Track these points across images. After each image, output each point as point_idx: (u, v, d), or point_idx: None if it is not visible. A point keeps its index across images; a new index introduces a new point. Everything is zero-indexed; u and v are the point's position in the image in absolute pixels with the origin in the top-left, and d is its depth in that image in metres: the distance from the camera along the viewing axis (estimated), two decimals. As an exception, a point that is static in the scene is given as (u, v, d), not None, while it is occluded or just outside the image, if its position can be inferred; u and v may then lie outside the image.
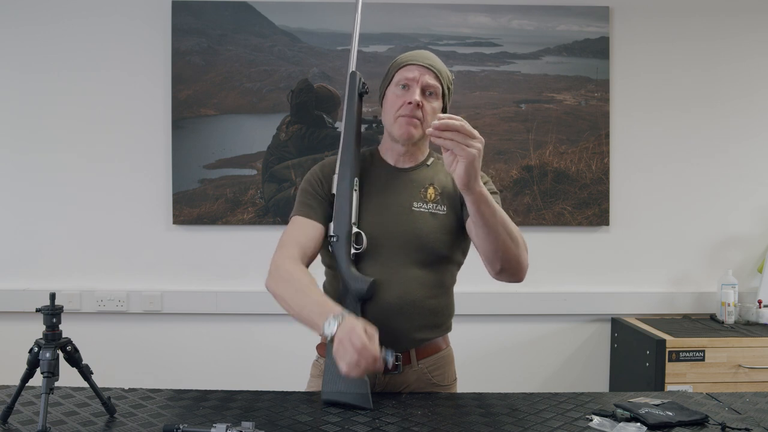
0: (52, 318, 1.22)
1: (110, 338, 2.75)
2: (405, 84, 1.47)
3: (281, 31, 2.74)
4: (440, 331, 1.56)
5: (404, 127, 1.46)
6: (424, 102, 1.45)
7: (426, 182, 1.52)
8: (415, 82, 1.45)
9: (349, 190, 1.44)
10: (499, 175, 2.77)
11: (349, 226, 1.42)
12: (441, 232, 1.49)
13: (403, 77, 1.47)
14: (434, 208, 1.50)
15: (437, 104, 1.48)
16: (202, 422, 1.26)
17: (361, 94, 1.50)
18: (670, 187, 2.84)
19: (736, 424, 1.27)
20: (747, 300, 2.79)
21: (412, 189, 1.51)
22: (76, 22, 2.73)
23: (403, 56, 1.51)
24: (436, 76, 1.47)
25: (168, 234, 2.77)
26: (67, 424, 1.24)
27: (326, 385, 1.38)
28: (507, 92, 2.79)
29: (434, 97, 1.48)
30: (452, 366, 1.63)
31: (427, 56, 1.50)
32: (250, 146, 2.75)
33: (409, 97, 1.44)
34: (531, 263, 3.00)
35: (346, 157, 1.46)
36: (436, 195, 1.51)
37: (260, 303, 2.74)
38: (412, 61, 1.47)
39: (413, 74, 1.46)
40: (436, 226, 1.48)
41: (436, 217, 1.49)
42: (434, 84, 1.47)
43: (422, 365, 1.52)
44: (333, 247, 1.43)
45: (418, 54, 1.50)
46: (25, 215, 2.75)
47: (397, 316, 1.45)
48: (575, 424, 1.28)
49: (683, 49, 2.83)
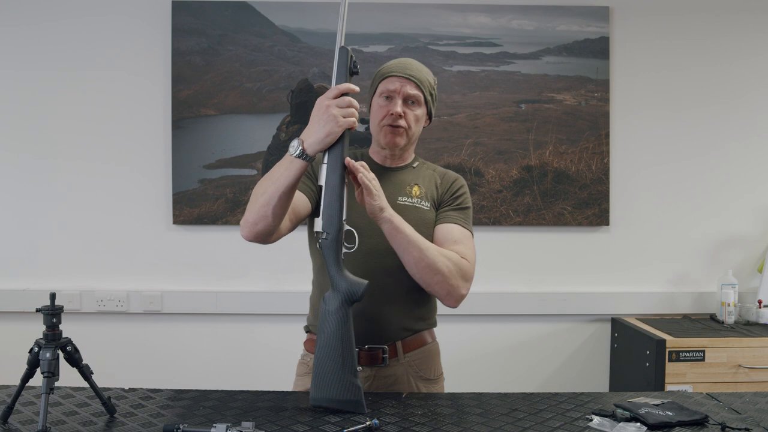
0: (53, 318, 1.22)
1: (110, 338, 2.75)
2: (388, 95, 1.53)
3: (281, 31, 2.74)
4: (425, 324, 1.60)
5: (389, 136, 1.53)
6: (406, 111, 1.52)
7: (411, 181, 1.60)
8: (397, 93, 1.52)
9: (340, 185, 1.35)
10: (499, 175, 2.77)
11: (340, 224, 1.35)
12: (423, 226, 1.52)
13: (386, 89, 1.53)
14: (418, 202, 1.57)
15: (420, 111, 1.55)
16: (202, 422, 1.26)
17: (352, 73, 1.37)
18: (670, 187, 2.84)
19: (736, 424, 1.27)
20: (747, 300, 2.79)
21: (397, 185, 1.57)
22: (76, 22, 2.73)
23: (386, 67, 1.57)
24: (417, 85, 1.53)
25: (168, 234, 2.77)
26: (67, 424, 1.24)
27: (317, 391, 1.33)
28: (507, 92, 2.79)
29: (416, 105, 1.54)
30: (438, 360, 1.65)
31: (407, 66, 1.55)
32: (250, 146, 2.75)
33: (392, 108, 1.51)
34: (531, 263, 3.00)
35: (336, 148, 1.35)
36: (420, 192, 1.58)
37: (260, 303, 2.74)
38: (393, 73, 1.53)
39: (395, 86, 1.52)
40: (419, 219, 1.53)
41: (419, 211, 1.55)
42: (415, 93, 1.53)
43: (409, 358, 1.55)
44: (322, 245, 1.35)
45: (399, 65, 1.55)
46: (25, 215, 2.75)
47: (382, 306, 1.49)
48: (575, 424, 1.28)
49: (683, 49, 2.83)
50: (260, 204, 1.36)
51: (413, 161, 1.64)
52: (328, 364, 1.32)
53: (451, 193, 1.61)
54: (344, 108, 1.31)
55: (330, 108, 1.31)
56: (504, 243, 2.81)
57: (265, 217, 1.36)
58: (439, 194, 1.61)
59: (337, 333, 1.32)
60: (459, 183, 1.64)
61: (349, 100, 1.32)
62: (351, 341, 1.33)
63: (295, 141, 1.33)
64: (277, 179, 1.34)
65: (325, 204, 1.35)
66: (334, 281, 1.35)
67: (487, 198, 2.77)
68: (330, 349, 1.32)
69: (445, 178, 1.64)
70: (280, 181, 1.34)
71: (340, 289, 1.34)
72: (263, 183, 1.39)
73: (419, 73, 1.55)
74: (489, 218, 2.78)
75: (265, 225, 1.38)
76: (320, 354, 1.33)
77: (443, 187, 1.62)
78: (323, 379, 1.32)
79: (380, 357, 1.52)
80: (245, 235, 1.41)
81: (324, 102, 1.32)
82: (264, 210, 1.36)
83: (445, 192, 1.61)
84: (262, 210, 1.36)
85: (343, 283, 1.34)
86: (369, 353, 1.51)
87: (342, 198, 1.35)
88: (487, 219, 2.77)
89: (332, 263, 1.35)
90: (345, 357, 1.32)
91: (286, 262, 2.73)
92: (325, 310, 1.34)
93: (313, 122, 1.33)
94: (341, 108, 1.31)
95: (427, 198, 1.58)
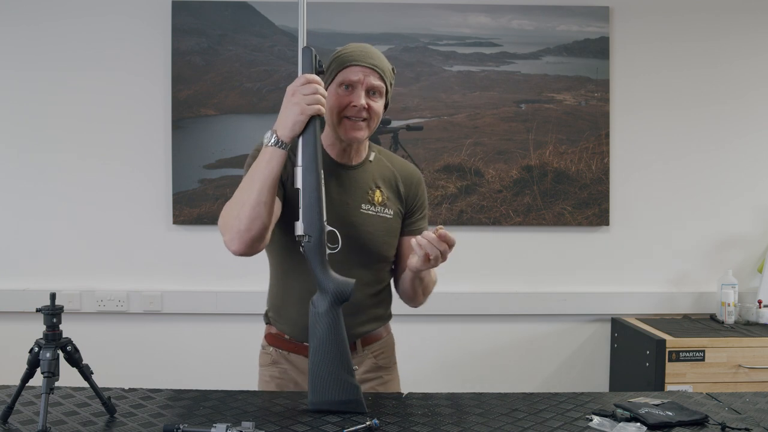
0: (53, 318, 1.22)
1: (110, 338, 2.75)
2: (348, 85, 1.44)
3: (281, 31, 2.74)
4: (381, 322, 1.62)
5: (350, 131, 1.45)
6: (369, 103, 1.44)
7: (372, 183, 1.54)
8: (360, 83, 1.44)
9: (317, 186, 1.32)
10: (499, 175, 2.77)
11: (321, 225, 1.32)
12: (387, 235, 1.53)
13: (347, 78, 1.44)
14: (381, 211, 1.53)
15: (381, 102, 1.48)
16: (202, 422, 1.26)
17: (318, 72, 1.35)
18: (670, 187, 2.84)
19: (736, 424, 1.27)
20: (747, 300, 2.79)
21: (358, 189, 1.52)
22: (76, 22, 2.73)
23: (345, 54, 1.46)
24: (380, 75, 1.46)
25: (168, 234, 2.77)
26: (67, 424, 1.24)
27: (315, 395, 1.33)
28: (507, 92, 2.79)
29: (378, 95, 1.47)
30: (393, 350, 1.69)
31: (370, 54, 1.46)
32: (250, 146, 2.68)
33: (356, 100, 1.43)
34: (531, 263, 3.02)
35: (308, 148, 1.32)
36: (383, 198, 1.54)
37: (260, 303, 2.73)
38: (356, 62, 1.44)
39: (357, 76, 1.43)
40: (383, 229, 1.52)
41: (382, 220, 1.53)
42: (379, 84, 1.46)
43: (367, 351, 1.58)
44: (305, 248, 1.33)
45: (361, 53, 1.46)
46: (25, 215, 2.75)
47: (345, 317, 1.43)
48: (575, 424, 1.28)
49: (683, 49, 2.83)
50: (249, 207, 1.31)
51: (369, 153, 1.57)
52: (323, 367, 1.31)
53: (417, 200, 1.60)
54: (309, 95, 1.29)
55: (295, 95, 1.29)
56: (504, 243, 2.81)
57: (258, 216, 1.31)
58: (404, 201, 1.58)
59: (330, 335, 1.32)
60: (421, 185, 1.62)
61: (314, 87, 1.29)
62: (344, 341, 1.33)
63: (268, 132, 1.32)
64: (260, 174, 1.31)
65: (305, 206, 1.32)
66: (322, 283, 1.33)
67: (487, 198, 2.77)
68: (324, 352, 1.32)
69: (406, 179, 1.59)
70: (264, 174, 1.30)
71: (329, 291, 1.33)
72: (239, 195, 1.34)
73: (381, 62, 1.47)
74: (489, 218, 2.77)
75: (260, 225, 1.32)
76: (315, 357, 1.32)
77: (407, 192, 1.58)
78: (320, 383, 1.32)
79: None
80: (237, 248, 1.35)
81: (290, 89, 1.31)
82: (256, 210, 1.31)
83: (410, 198, 1.59)
84: (253, 211, 1.30)
85: (330, 285, 1.33)
86: None
87: (321, 199, 1.33)
88: (487, 219, 2.77)
89: (317, 266, 1.33)
90: (340, 358, 1.32)
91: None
92: (314, 313, 1.33)
93: (281, 110, 1.32)
94: (306, 95, 1.29)
95: (389, 204, 1.54)
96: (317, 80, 1.31)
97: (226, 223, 1.36)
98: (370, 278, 1.53)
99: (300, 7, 1.35)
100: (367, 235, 1.50)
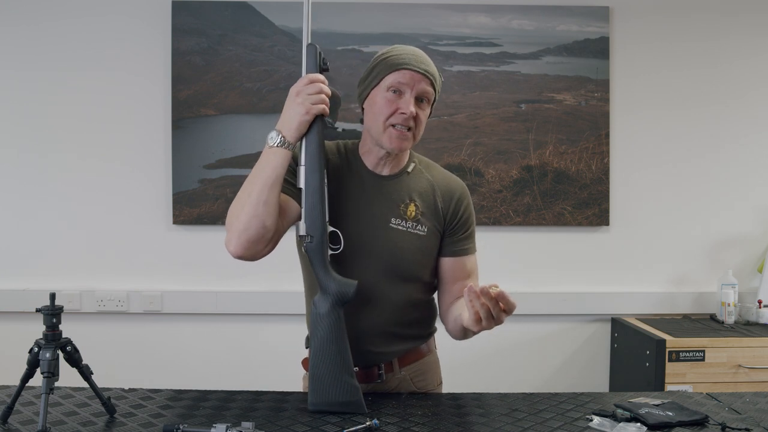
0: (52, 318, 1.22)
1: (110, 338, 2.75)
2: (397, 89, 1.36)
3: (281, 31, 2.74)
4: (421, 340, 1.53)
5: (396, 140, 1.36)
6: (417, 111, 1.36)
7: (406, 196, 1.44)
8: (410, 88, 1.35)
9: (320, 186, 1.30)
10: (499, 175, 2.77)
11: (324, 225, 1.30)
12: (419, 254, 1.43)
13: (397, 81, 1.35)
14: (413, 227, 1.43)
15: (428, 110, 1.41)
16: (202, 422, 1.26)
17: (322, 69, 1.33)
18: (670, 187, 2.84)
19: (736, 424, 1.27)
20: (747, 300, 2.79)
21: (390, 202, 1.43)
22: (76, 22, 2.73)
23: (396, 56, 1.37)
24: (431, 82, 1.38)
25: (168, 234, 2.77)
26: (67, 424, 1.24)
27: (315, 396, 1.32)
28: (507, 92, 2.79)
29: (426, 103, 1.39)
30: (437, 370, 1.59)
31: (422, 60, 1.38)
32: (250, 146, 2.75)
33: (405, 107, 1.34)
34: (531, 263, 3.02)
35: (312, 148, 1.31)
36: (416, 213, 1.43)
37: (260, 303, 2.74)
38: (407, 66, 1.35)
39: (407, 80, 1.35)
40: (415, 246, 1.43)
41: (414, 237, 1.43)
42: (429, 91, 1.38)
43: (405, 372, 1.50)
44: (307, 248, 1.31)
45: (412, 56, 1.37)
46: (25, 215, 2.75)
47: (373, 338, 1.43)
48: (575, 425, 1.28)
49: (683, 49, 2.83)
50: (249, 206, 1.28)
51: (408, 164, 1.47)
52: (324, 368, 1.31)
53: (460, 217, 1.47)
54: (314, 95, 1.28)
55: (300, 95, 1.29)
56: (504, 243, 2.81)
57: (257, 216, 1.27)
58: (444, 218, 1.46)
59: (331, 336, 1.31)
60: (464, 201, 1.49)
61: (319, 86, 1.28)
62: (345, 342, 1.33)
63: (272, 132, 1.31)
64: (262, 173, 1.28)
65: (307, 207, 1.31)
66: (323, 284, 1.32)
67: (487, 198, 2.77)
68: (325, 353, 1.31)
69: (445, 193, 1.47)
70: (266, 173, 1.28)
71: (330, 291, 1.32)
72: (241, 194, 1.32)
73: (433, 69, 1.39)
74: (489, 218, 2.77)
75: (259, 225, 1.28)
76: (315, 359, 1.32)
77: (447, 209, 1.46)
78: (321, 384, 1.31)
79: (376, 374, 1.46)
80: (234, 248, 1.32)
81: (294, 89, 1.30)
82: (255, 209, 1.27)
83: (451, 216, 1.46)
84: (253, 210, 1.27)
85: (332, 285, 1.32)
86: (364, 371, 1.44)
87: (324, 199, 1.31)
88: (487, 219, 2.77)
89: (319, 266, 1.32)
90: (340, 359, 1.32)
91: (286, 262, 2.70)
92: (316, 314, 1.33)
93: (285, 110, 1.31)
94: (310, 95, 1.28)
95: (423, 220, 1.43)
96: (321, 79, 1.30)
97: (228, 223, 1.35)
98: (399, 298, 1.43)
99: (305, 4, 1.34)
100: (396, 251, 1.41)
